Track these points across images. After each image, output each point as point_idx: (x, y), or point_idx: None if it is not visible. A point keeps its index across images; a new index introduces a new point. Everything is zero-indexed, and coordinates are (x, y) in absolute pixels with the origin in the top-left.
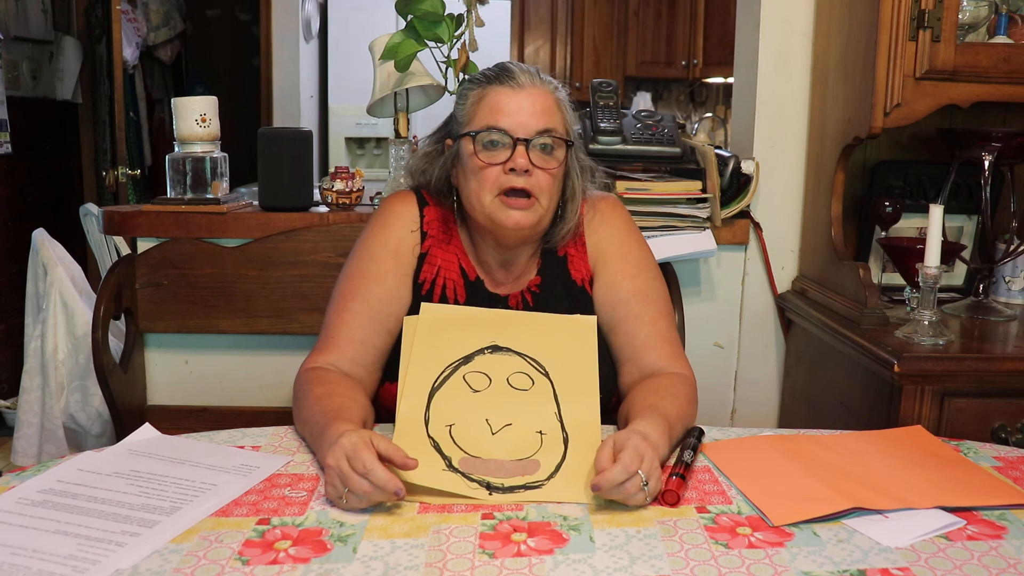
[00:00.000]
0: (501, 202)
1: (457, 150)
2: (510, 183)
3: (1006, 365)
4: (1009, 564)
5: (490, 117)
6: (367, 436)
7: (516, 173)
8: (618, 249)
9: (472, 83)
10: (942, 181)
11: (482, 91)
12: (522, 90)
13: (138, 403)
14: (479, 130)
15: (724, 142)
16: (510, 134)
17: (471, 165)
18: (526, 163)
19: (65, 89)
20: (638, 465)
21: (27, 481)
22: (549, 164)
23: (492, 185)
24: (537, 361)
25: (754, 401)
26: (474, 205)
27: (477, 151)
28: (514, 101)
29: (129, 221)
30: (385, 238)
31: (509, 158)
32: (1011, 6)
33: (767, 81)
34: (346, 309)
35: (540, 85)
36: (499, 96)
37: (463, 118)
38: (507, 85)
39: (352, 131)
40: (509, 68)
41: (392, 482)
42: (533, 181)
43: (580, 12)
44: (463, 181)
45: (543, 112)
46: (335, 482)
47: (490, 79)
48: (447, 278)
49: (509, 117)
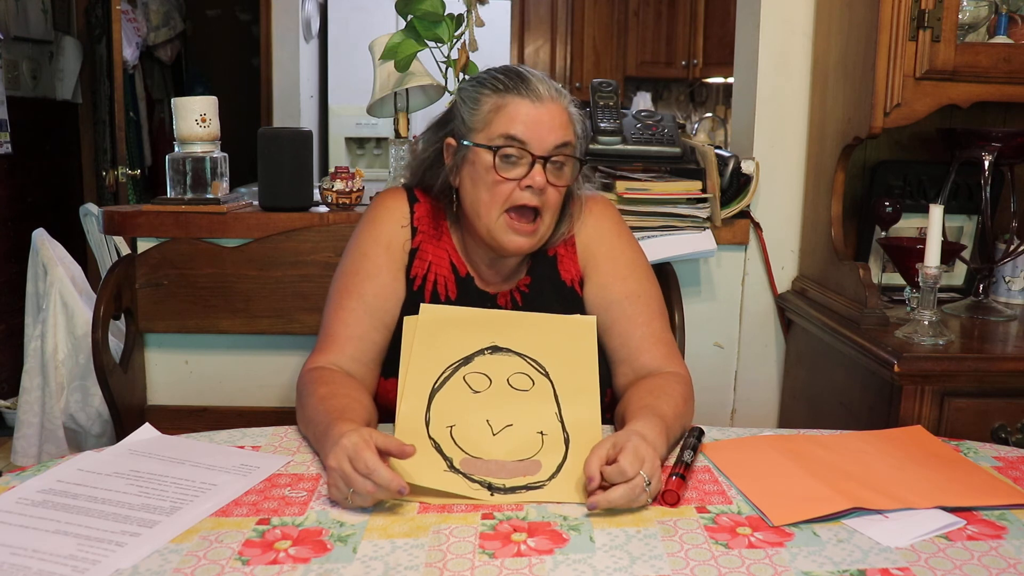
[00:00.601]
0: (506, 224)
1: (465, 155)
2: (522, 200)
3: (1006, 365)
4: (1009, 564)
5: (509, 127)
6: (366, 435)
7: (531, 191)
8: (609, 250)
9: (486, 87)
10: (942, 181)
11: (499, 99)
12: (542, 104)
13: (138, 403)
14: (499, 144)
15: (724, 142)
16: (530, 151)
17: (486, 177)
18: (543, 182)
19: (65, 89)
20: (639, 468)
21: (27, 481)
22: (560, 180)
23: (504, 200)
24: (537, 362)
25: (754, 401)
26: (480, 215)
27: (496, 165)
28: (533, 114)
29: (129, 221)
30: (376, 234)
31: (526, 174)
32: (1011, 6)
33: (767, 81)
34: (343, 307)
35: (557, 99)
36: (518, 107)
37: (475, 123)
38: (526, 96)
39: (352, 131)
40: (527, 78)
41: (395, 481)
42: (544, 198)
43: (580, 12)
44: (470, 188)
45: (560, 126)
46: (339, 483)
47: (507, 87)
48: (438, 273)
49: (528, 131)
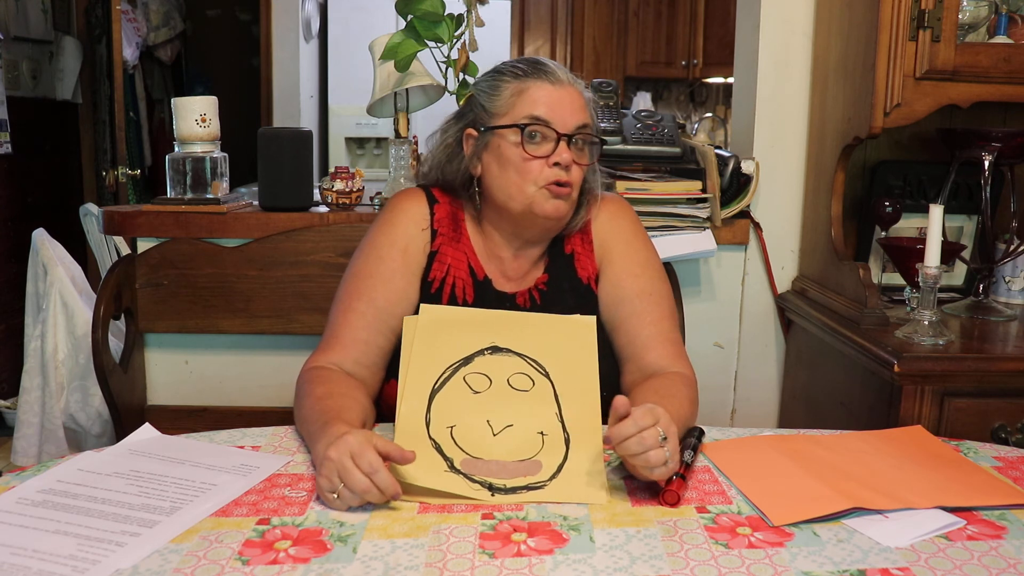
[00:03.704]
0: (548, 191)
1: (488, 141)
2: (556, 176)
3: (1006, 365)
4: (1009, 564)
5: (533, 108)
6: (369, 435)
7: (560, 167)
8: (624, 248)
9: (505, 75)
10: (942, 181)
11: (520, 84)
12: (562, 87)
13: (138, 403)
14: (525, 123)
15: (724, 142)
16: (555, 128)
17: (514, 157)
18: (570, 158)
19: (65, 89)
20: (652, 421)
21: (27, 481)
22: (583, 160)
23: (537, 177)
24: (537, 362)
25: (754, 401)
26: (512, 195)
27: (524, 143)
28: (555, 96)
29: (129, 221)
30: (394, 236)
31: (553, 151)
32: (1011, 6)
33: (767, 81)
34: (351, 309)
35: (574, 83)
36: (540, 90)
37: (497, 108)
38: (547, 80)
39: (352, 131)
40: (544, 63)
41: (394, 486)
42: (571, 175)
43: (580, 12)
44: (497, 172)
45: (579, 108)
46: (332, 476)
47: (526, 72)
48: (456, 277)
49: (552, 111)
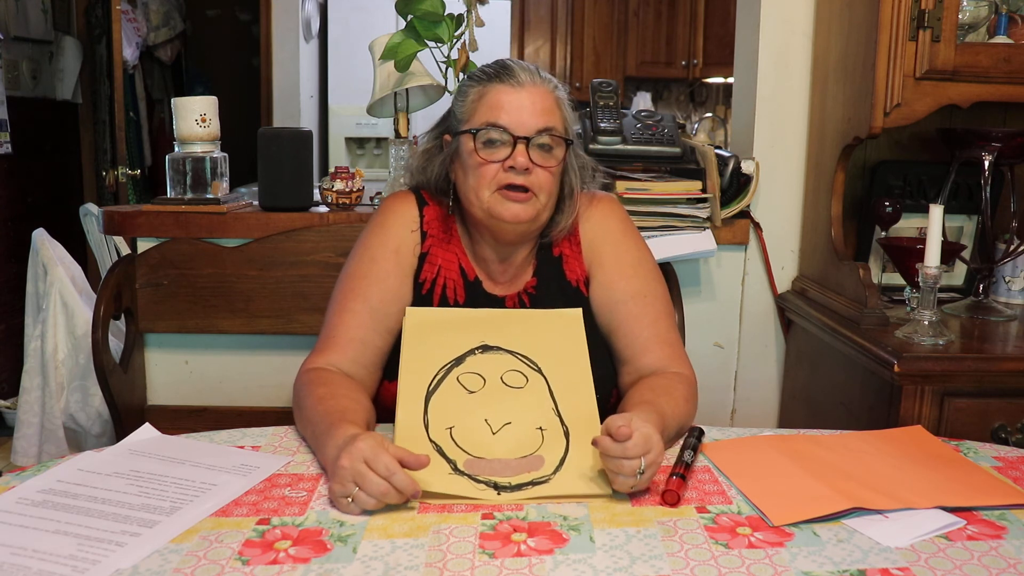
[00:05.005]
0: (501, 195)
1: (456, 147)
2: (508, 180)
3: (1006, 365)
4: (1009, 564)
5: (490, 114)
6: (381, 439)
7: (515, 171)
8: (614, 249)
9: (472, 80)
10: (942, 181)
11: (482, 88)
12: (522, 88)
13: (138, 403)
14: (479, 128)
15: (724, 142)
16: (510, 132)
17: (470, 162)
18: (526, 161)
19: (65, 89)
20: (642, 451)
21: (27, 481)
22: (548, 162)
23: (491, 181)
24: (528, 358)
25: (754, 401)
26: (472, 201)
27: (477, 148)
28: (514, 99)
29: (129, 221)
30: (385, 238)
31: (509, 156)
32: (1011, 6)
33: (767, 81)
34: (346, 309)
35: (540, 83)
36: (499, 94)
37: (462, 115)
38: (507, 83)
39: (352, 131)
40: (509, 66)
41: (412, 485)
42: (532, 179)
43: (580, 12)
44: (461, 177)
45: (543, 111)
46: (347, 483)
47: (490, 77)
48: (447, 278)
49: (509, 115)
